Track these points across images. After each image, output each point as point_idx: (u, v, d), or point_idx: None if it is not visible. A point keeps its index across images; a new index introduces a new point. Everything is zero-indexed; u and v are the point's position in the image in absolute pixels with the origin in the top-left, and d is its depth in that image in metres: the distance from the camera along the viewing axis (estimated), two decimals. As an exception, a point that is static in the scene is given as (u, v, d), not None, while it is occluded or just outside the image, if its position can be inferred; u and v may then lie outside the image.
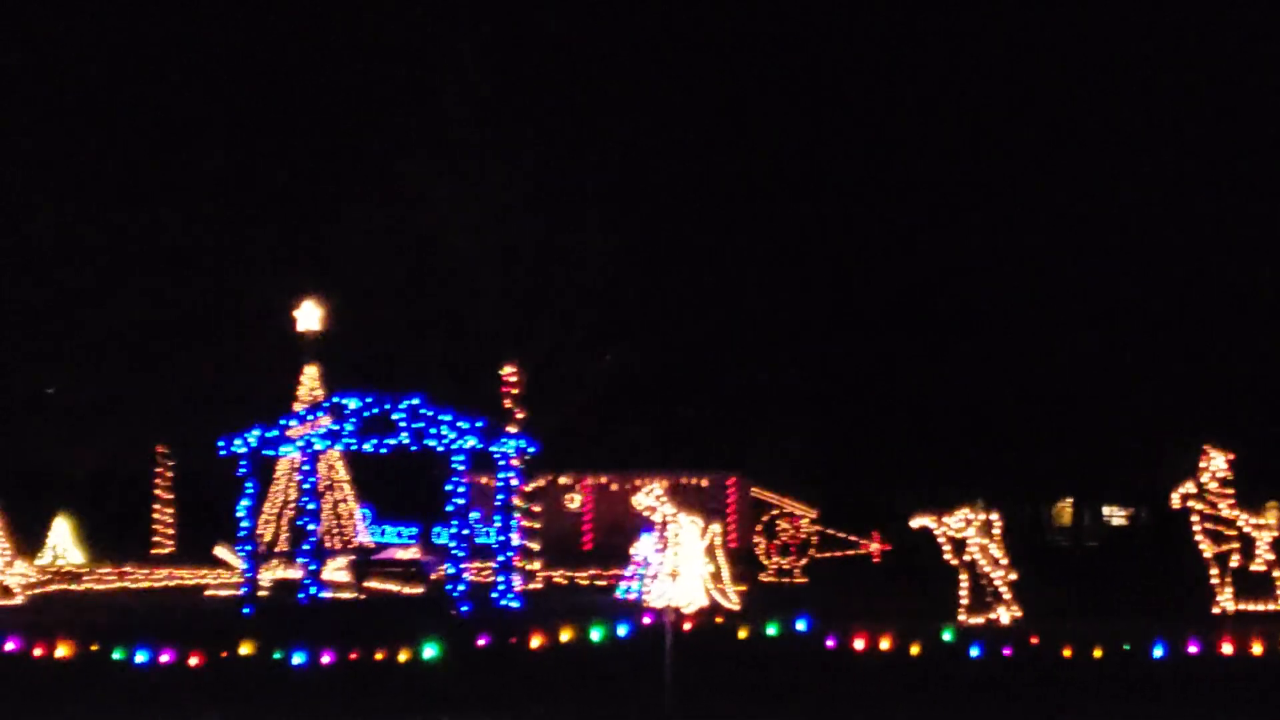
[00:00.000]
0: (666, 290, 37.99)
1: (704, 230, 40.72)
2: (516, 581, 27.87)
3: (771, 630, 18.80)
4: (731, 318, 41.50)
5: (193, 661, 17.23)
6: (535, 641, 18.09)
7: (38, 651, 17.18)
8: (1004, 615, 24.12)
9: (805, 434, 44.69)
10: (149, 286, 40.74)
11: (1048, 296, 46.07)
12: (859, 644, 18.55)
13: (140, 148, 42.11)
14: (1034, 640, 19.71)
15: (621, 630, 18.21)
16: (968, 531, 24.52)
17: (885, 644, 18.56)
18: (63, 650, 17.22)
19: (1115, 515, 65.82)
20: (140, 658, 17.08)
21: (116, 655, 17.12)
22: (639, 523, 27.41)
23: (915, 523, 24.97)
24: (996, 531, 24.60)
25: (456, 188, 35.91)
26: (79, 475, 44.95)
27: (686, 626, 18.88)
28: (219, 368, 40.66)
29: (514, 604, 27.14)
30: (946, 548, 24.43)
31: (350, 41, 43.29)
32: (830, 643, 18.53)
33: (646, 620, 18.92)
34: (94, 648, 17.30)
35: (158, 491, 40.52)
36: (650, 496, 26.02)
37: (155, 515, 40.58)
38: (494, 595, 27.31)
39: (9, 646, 17.11)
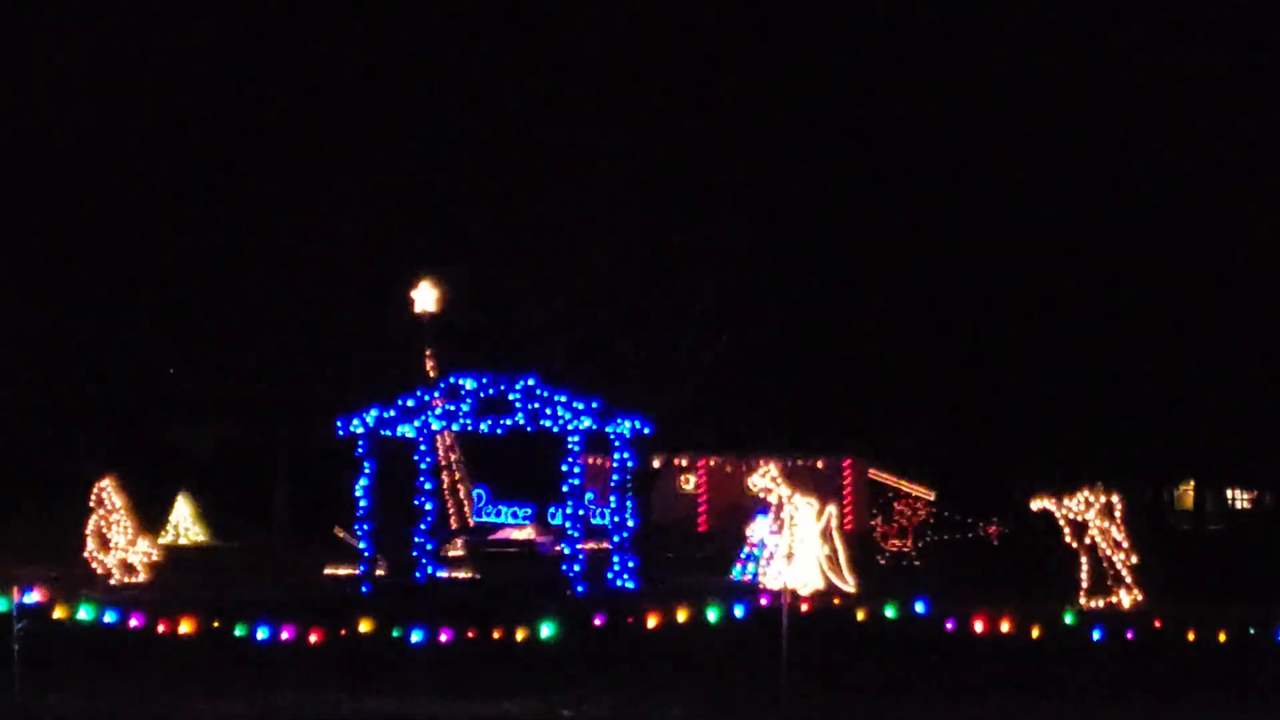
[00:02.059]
0: (785, 270, 37.70)
1: (825, 210, 40.40)
2: (631, 563, 27.87)
3: (890, 612, 18.59)
4: (849, 299, 41.14)
5: (313, 639, 17.37)
6: (651, 621, 18.03)
7: (161, 628, 17.39)
8: (1125, 598, 23.75)
9: (924, 416, 44.24)
10: (269, 268, 41.18)
11: (1172, 277, 45.22)
12: (978, 626, 18.30)
13: (261, 129, 42.60)
14: (1157, 624, 19.36)
15: (738, 611, 18.09)
16: (1088, 514, 24.17)
17: (1005, 626, 18.30)
18: (185, 627, 17.41)
19: (1239, 498, 64.68)
20: (261, 634, 17.25)
21: (238, 632, 17.30)
22: (754, 504, 27.33)
23: (1035, 505, 24.66)
24: (1117, 514, 24.23)
25: (574, 166, 35.85)
26: (200, 455, 45.67)
27: (803, 608, 18.74)
28: (337, 349, 41.04)
29: (629, 585, 27.13)
30: (1067, 530, 24.10)
31: (467, 21, 43.50)
32: (949, 625, 18.30)
33: (763, 601, 18.79)
34: (216, 624, 17.50)
35: (277, 471, 41.07)
36: (766, 478, 25.96)
37: (275, 495, 41.14)
38: (609, 576, 27.33)
39: (133, 623, 17.35)
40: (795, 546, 25.29)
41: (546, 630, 17.50)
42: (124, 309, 42.21)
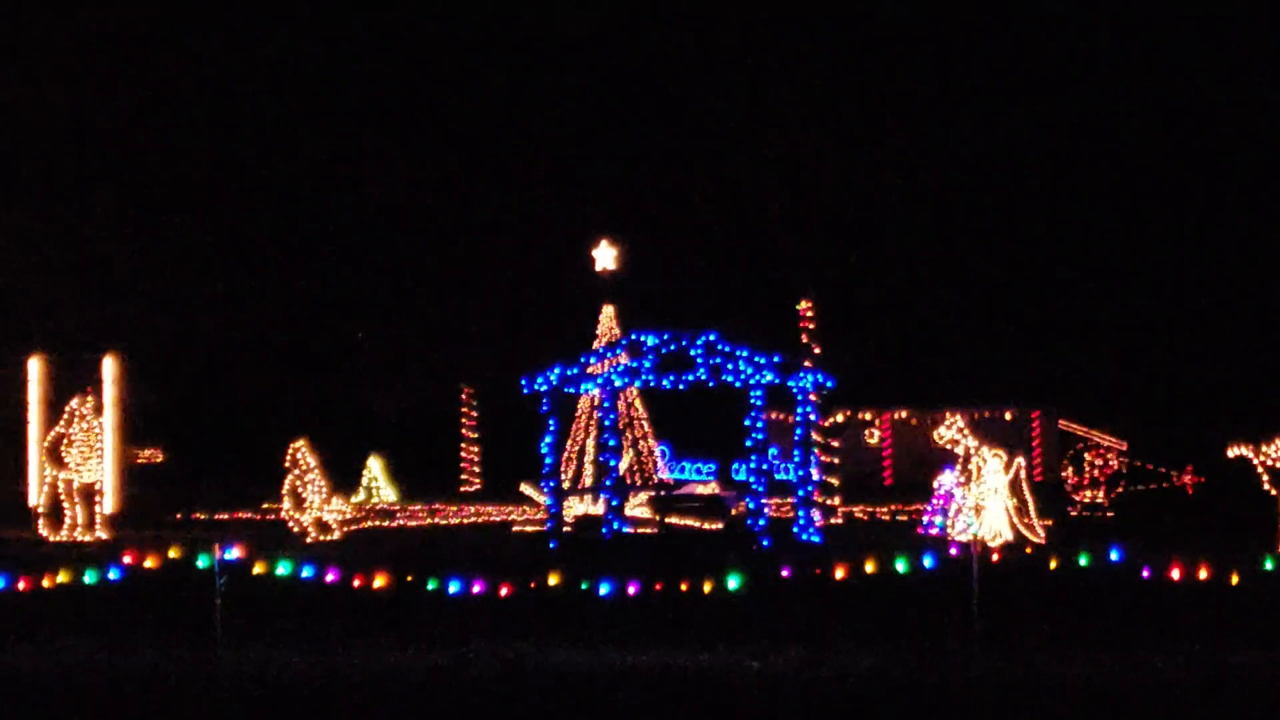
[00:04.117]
0: (970, 219, 37.18)
1: (1009, 159, 39.74)
2: (816, 517, 27.73)
3: (1083, 561, 18.20)
4: (1034, 246, 40.44)
5: (502, 592, 17.59)
6: (839, 573, 17.89)
7: (356, 582, 17.76)
8: (1329, 547, 22.98)
9: (1116, 364, 43.25)
10: (452, 231, 41.76)
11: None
12: (1175, 574, 17.84)
13: (446, 93, 43.13)
14: (1363, 572, 18.68)
15: (927, 562, 17.86)
16: (1289, 460, 23.44)
17: (1203, 574, 17.81)
18: (379, 581, 17.76)
19: None
20: (452, 588, 17.50)
21: (430, 586, 17.58)
22: (941, 457, 27.01)
23: (1232, 452, 24.01)
24: (1320, 460, 23.46)
25: (750, 122, 35.75)
26: (390, 416, 46.53)
27: (994, 558, 18.44)
28: (520, 309, 41.50)
29: (814, 539, 27.00)
30: (1265, 477, 23.40)
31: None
32: (1145, 573, 17.86)
33: (952, 552, 18.54)
34: (409, 579, 17.80)
35: (464, 430, 41.67)
36: (952, 430, 25.64)
37: (462, 453, 41.77)
38: (794, 530, 27.23)
39: (329, 578, 17.74)
40: (984, 498, 24.97)
41: (733, 582, 17.47)
42: (315, 273, 43.14)
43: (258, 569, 17.61)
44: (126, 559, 17.66)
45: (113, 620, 17.60)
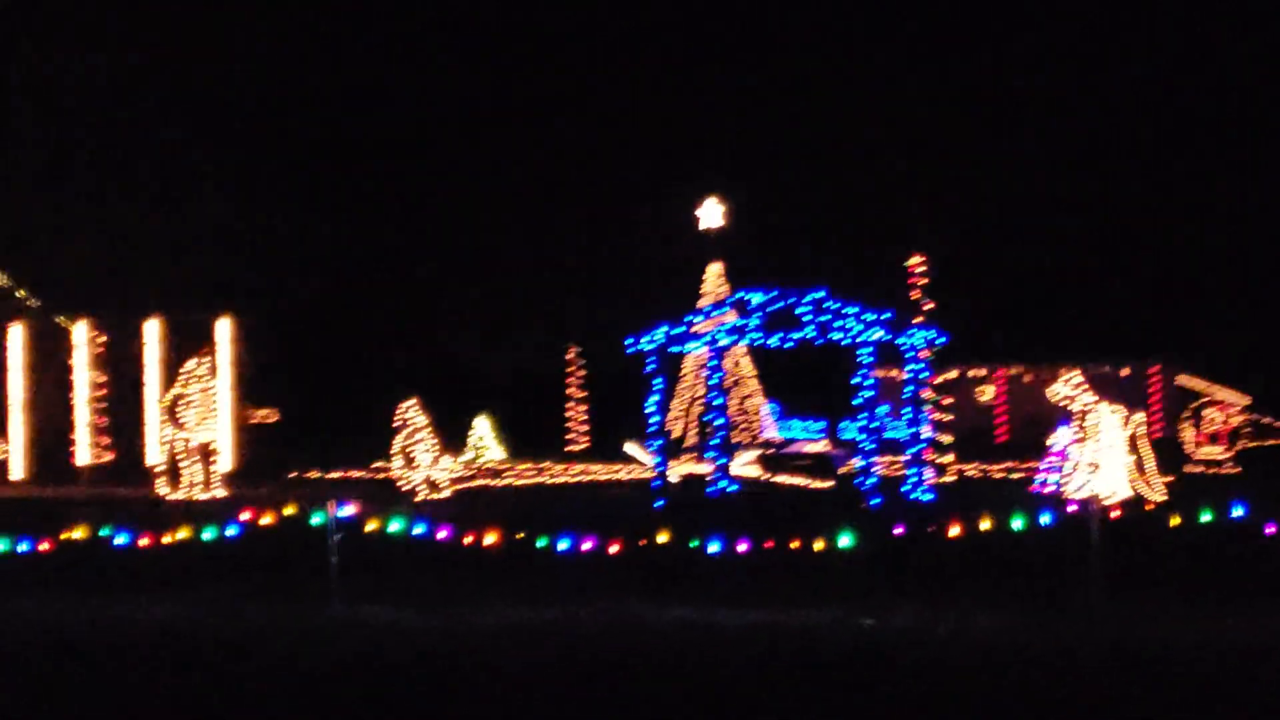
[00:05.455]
0: (1084, 168, 36.45)
1: (1127, 103, 38.89)
2: (928, 475, 27.45)
3: (1205, 517, 17.82)
4: (1151, 197, 39.56)
5: (612, 550, 17.57)
6: (953, 531, 17.66)
7: (467, 540, 17.83)
8: None
9: (1238, 317, 42.28)
10: (558, 192, 41.82)
11: None
12: (1301, 532, 17.41)
13: (556, 50, 43.12)
14: None
15: (1044, 519, 17.57)
16: None
17: (1330, 532, 17.37)
18: (490, 538, 17.82)
19: None
20: (562, 545, 17.51)
21: (540, 543, 17.60)
22: (1056, 414, 26.61)
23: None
24: None
25: (859, 75, 35.34)
26: (498, 375, 46.74)
27: (1113, 515, 18.12)
28: (626, 268, 41.47)
29: (926, 497, 26.74)
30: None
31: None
32: (1269, 529, 17.44)
33: (1070, 509, 18.24)
34: (519, 536, 17.83)
35: (570, 390, 41.75)
36: (1068, 386, 25.25)
37: (569, 413, 41.86)
38: (905, 489, 26.97)
39: (441, 535, 17.82)
40: (1101, 455, 24.58)
41: (845, 540, 17.30)
42: (425, 234, 43.44)
43: (370, 526, 17.73)
44: (244, 516, 17.86)
45: (230, 576, 17.84)
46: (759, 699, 12.46)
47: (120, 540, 17.93)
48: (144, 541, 17.86)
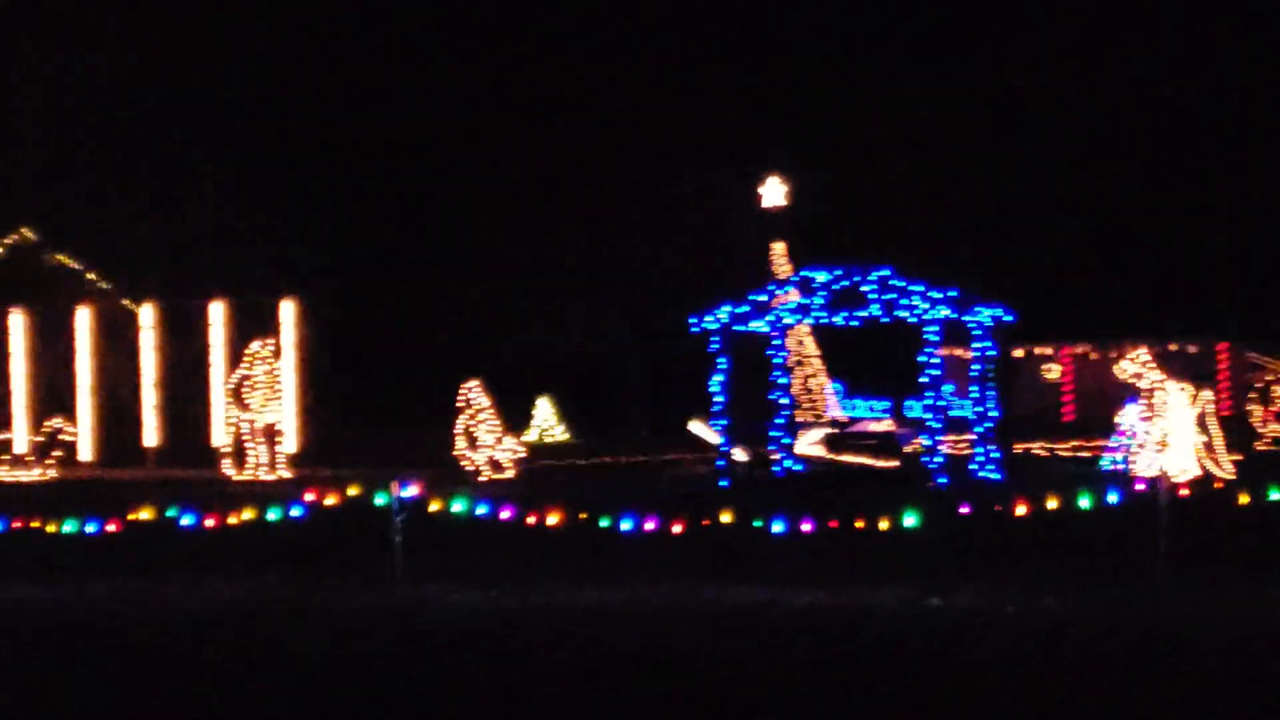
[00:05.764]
0: (1158, 145, 35.99)
1: (1192, 79, 38.36)
2: (995, 454, 27.22)
3: (1274, 495, 17.58)
4: (1226, 173, 38.98)
5: (675, 529, 17.54)
6: (1019, 510, 17.51)
7: (530, 520, 17.85)
8: None
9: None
10: (621, 173, 41.78)
11: None
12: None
13: (617, 31, 43.06)
14: None
15: (1111, 498, 17.39)
16: None
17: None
18: (553, 519, 17.84)
19: None
20: (625, 525, 17.50)
21: (603, 523, 17.60)
22: (1123, 392, 26.36)
23: None
24: None
25: (921, 50, 35.07)
26: (560, 358, 46.83)
27: (1181, 494, 17.91)
28: (689, 248, 41.37)
29: (993, 476, 26.53)
30: None
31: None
32: (1341, 510, 17.23)
33: (1137, 488, 18.05)
34: (582, 516, 17.84)
35: (633, 371, 41.77)
36: (1135, 364, 25.02)
37: (632, 394, 41.88)
38: (972, 468, 26.78)
39: (504, 515, 17.85)
40: (1169, 434, 24.35)
41: (910, 520, 17.19)
42: (488, 217, 43.54)
43: (434, 506, 17.78)
44: (309, 497, 17.96)
45: (296, 556, 17.94)
46: (828, 679, 12.40)
47: (186, 521, 18.09)
48: (210, 523, 18.01)
